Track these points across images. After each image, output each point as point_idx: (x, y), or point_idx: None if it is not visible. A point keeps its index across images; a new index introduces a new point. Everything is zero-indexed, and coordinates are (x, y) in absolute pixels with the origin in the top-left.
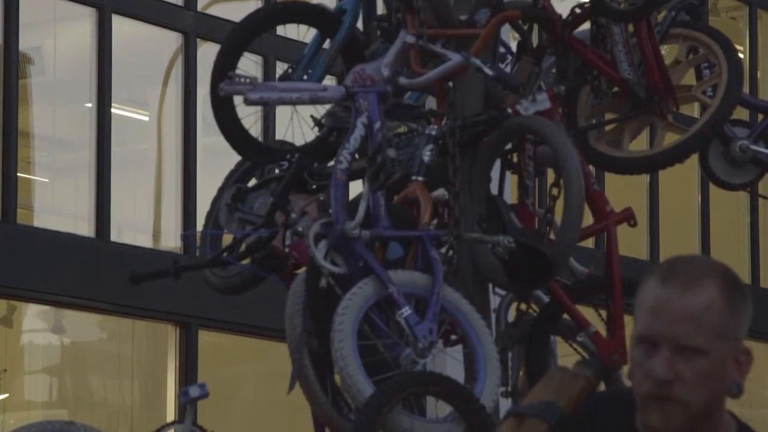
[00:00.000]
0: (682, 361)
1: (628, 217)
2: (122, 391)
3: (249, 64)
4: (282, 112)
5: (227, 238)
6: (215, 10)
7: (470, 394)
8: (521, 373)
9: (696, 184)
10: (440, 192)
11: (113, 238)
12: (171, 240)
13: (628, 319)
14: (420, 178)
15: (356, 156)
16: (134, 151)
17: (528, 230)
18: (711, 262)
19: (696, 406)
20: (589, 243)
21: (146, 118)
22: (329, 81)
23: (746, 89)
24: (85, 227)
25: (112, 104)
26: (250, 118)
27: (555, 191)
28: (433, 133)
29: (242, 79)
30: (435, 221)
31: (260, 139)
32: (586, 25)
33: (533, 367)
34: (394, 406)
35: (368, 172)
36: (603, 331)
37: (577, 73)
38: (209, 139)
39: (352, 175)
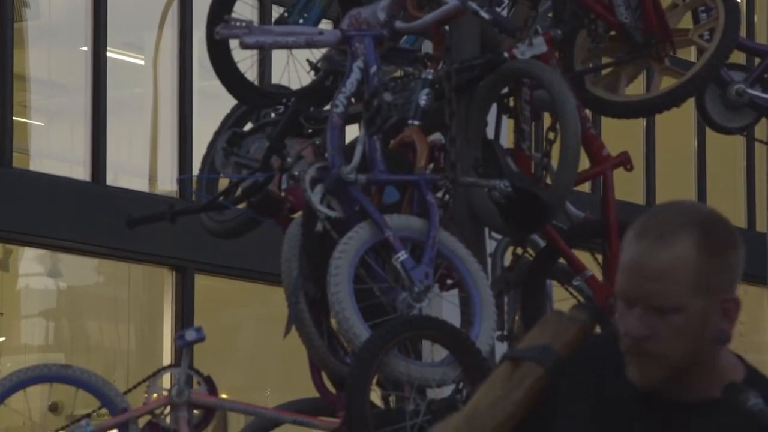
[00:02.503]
0: (656, 317)
1: (624, 161)
2: (119, 335)
3: (245, 8)
4: (278, 56)
5: (223, 183)
6: None
7: (466, 338)
8: (517, 317)
9: (692, 128)
10: (436, 136)
11: (109, 182)
12: (167, 184)
13: None
14: (416, 123)
15: (352, 100)
16: (130, 94)
17: (524, 174)
18: (692, 210)
19: (674, 359)
20: (586, 187)
21: (142, 62)
22: (325, 25)
23: (743, 33)
24: (80, 171)
25: (108, 48)
26: (246, 62)
27: (551, 135)
28: (430, 77)
29: (238, 23)
30: (431, 165)
31: (256, 83)
32: None
33: (529, 311)
34: (390, 350)
35: (364, 116)
36: (599, 275)
37: (573, 17)
38: (205, 83)
39: (349, 119)
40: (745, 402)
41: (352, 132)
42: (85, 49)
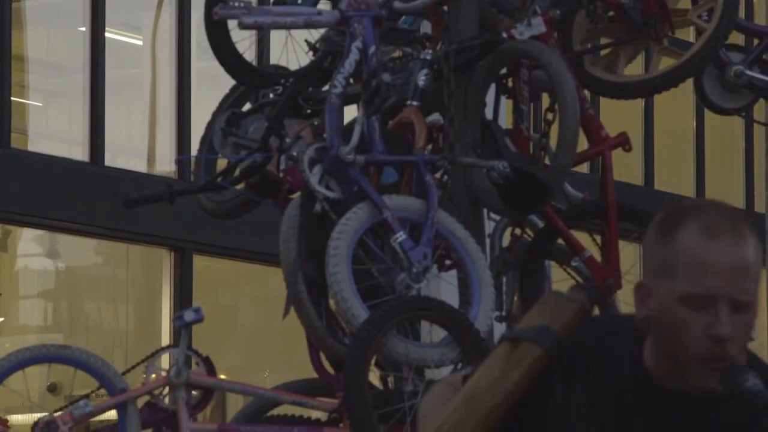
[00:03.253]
0: (735, 316)
1: (622, 141)
2: (117, 315)
3: None
4: (276, 37)
5: (222, 163)
6: None
7: (465, 319)
8: (515, 297)
9: (691, 109)
10: (435, 117)
11: (107, 162)
12: (165, 164)
13: (622, 244)
14: (415, 103)
15: (351, 81)
16: (128, 75)
17: (523, 155)
18: (734, 208)
19: (737, 359)
20: (584, 168)
21: (140, 43)
22: (324, 5)
23: (742, 14)
24: (79, 151)
25: (106, 28)
26: (244, 42)
27: (550, 116)
28: (428, 57)
29: (237, 3)
30: (430, 146)
31: (254, 63)
32: None
33: (527, 291)
34: (388, 331)
35: (363, 96)
36: (597, 256)
37: None
38: (203, 64)
39: (347, 99)
40: (744, 382)
41: (350, 112)
42: (84, 29)
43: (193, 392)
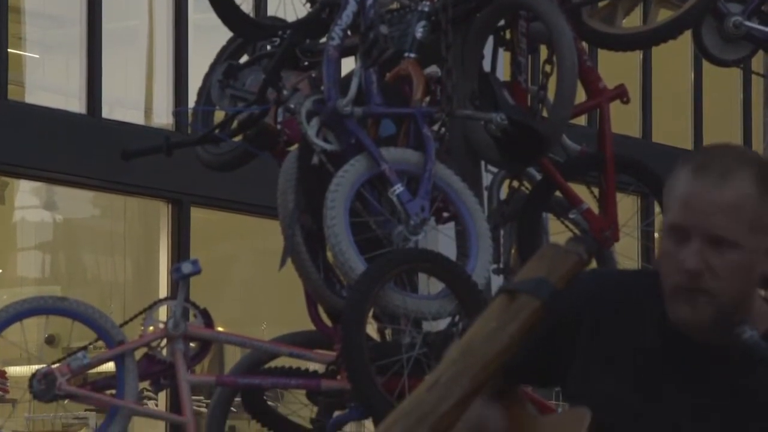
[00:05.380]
0: (713, 252)
1: (621, 94)
2: (115, 267)
3: None
4: None
5: (219, 115)
6: None
7: (462, 271)
8: (513, 250)
9: (689, 61)
10: (433, 69)
11: (104, 114)
12: (163, 116)
13: (620, 197)
14: (412, 55)
15: (348, 32)
16: (125, 27)
17: (520, 107)
18: (745, 152)
19: (726, 298)
20: (582, 120)
21: None
22: None
23: None
24: (76, 104)
25: None
26: None
27: (548, 68)
28: (426, 9)
29: None
30: (427, 98)
31: (252, 15)
32: None
33: (525, 244)
34: (386, 283)
35: (360, 48)
36: (595, 209)
37: None
38: (201, 16)
39: (345, 51)
40: (741, 334)
41: (348, 64)
42: None
43: (191, 344)
